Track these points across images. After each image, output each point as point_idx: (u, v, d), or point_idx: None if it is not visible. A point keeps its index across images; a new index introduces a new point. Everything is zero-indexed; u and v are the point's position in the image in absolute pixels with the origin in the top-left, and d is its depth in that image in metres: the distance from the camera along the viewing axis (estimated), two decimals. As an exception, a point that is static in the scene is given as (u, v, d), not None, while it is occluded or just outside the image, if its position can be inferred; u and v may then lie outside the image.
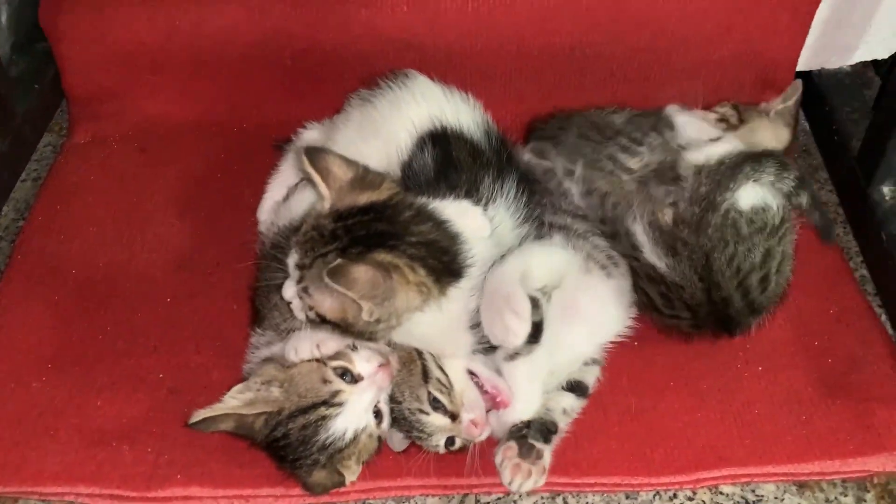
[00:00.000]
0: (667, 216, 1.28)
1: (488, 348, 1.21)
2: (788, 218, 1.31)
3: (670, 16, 1.68)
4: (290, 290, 1.13)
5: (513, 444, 1.20)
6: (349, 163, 1.15)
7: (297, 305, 1.13)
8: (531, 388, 1.21)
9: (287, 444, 1.14)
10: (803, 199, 1.33)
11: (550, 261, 1.25)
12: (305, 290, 1.10)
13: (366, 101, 1.39)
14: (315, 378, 1.15)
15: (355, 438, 1.15)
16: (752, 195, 1.28)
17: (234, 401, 1.14)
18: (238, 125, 1.81)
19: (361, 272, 1.03)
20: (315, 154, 1.13)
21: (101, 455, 1.27)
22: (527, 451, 1.19)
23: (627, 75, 1.76)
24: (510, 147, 1.41)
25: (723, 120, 1.58)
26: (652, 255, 1.29)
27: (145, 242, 1.59)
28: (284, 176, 1.51)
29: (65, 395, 1.34)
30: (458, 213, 1.19)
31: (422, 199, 1.18)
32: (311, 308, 1.11)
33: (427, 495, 1.26)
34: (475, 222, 1.21)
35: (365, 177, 1.15)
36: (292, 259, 1.12)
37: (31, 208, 1.66)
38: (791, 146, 1.57)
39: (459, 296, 1.14)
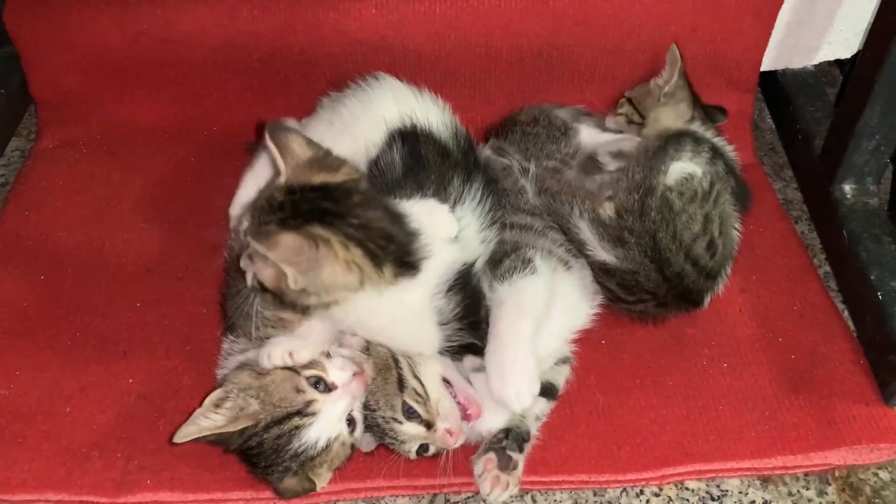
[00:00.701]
0: (608, 210, 1.31)
1: (457, 350, 1.22)
2: (717, 180, 1.35)
3: (636, 18, 1.69)
4: (244, 259, 1.14)
5: (492, 456, 1.21)
6: (311, 143, 1.16)
7: (248, 274, 1.15)
8: None
9: (259, 453, 1.15)
10: (719, 167, 1.37)
11: (548, 297, 1.27)
12: (250, 256, 1.12)
13: (336, 101, 1.40)
14: (288, 387, 1.15)
15: (327, 447, 1.15)
16: (676, 170, 1.32)
17: (219, 417, 1.13)
18: (207, 128, 1.81)
19: (289, 239, 1.04)
20: (277, 130, 1.15)
21: (70, 461, 1.26)
22: (505, 463, 1.20)
23: (595, 77, 1.77)
24: (477, 150, 1.42)
25: (630, 121, 1.60)
26: (600, 250, 1.31)
27: (114, 247, 1.58)
28: (258, 173, 1.48)
29: (33, 403, 1.33)
30: (425, 212, 1.20)
31: (388, 199, 1.18)
32: (254, 276, 1.13)
33: (397, 496, 1.27)
34: (443, 221, 1.22)
35: (324, 159, 1.16)
36: (243, 226, 1.14)
37: (-2, 214, 1.65)
38: (695, 114, 1.57)
39: (415, 290, 1.14)
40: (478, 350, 1.22)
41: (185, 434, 1.12)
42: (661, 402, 1.36)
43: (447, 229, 1.21)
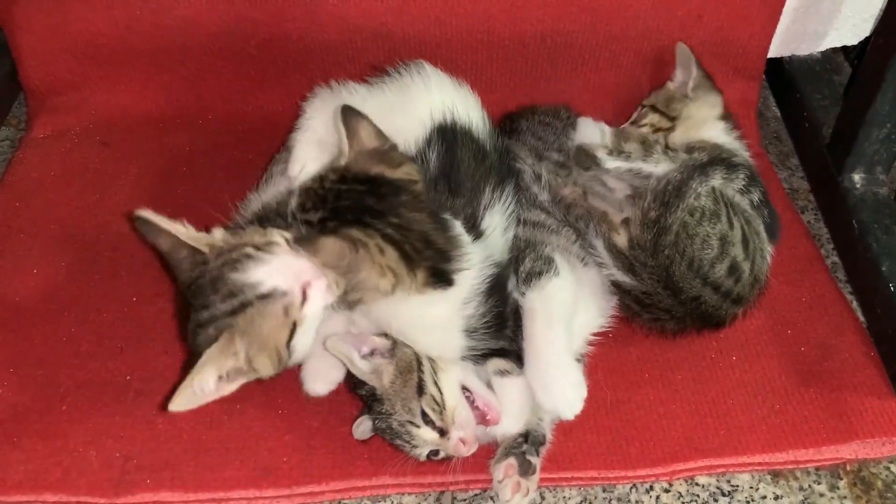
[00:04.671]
0: (621, 239, 1.28)
1: (480, 356, 1.20)
2: (727, 198, 1.29)
3: (641, 4, 1.66)
4: None
5: (513, 462, 1.19)
6: (379, 135, 1.16)
7: None
8: (521, 405, 1.20)
9: (199, 287, 1.06)
10: (755, 196, 1.32)
11: (575, 296, 1.25)
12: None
13: (378, 85, 1.37)
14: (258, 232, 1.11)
15: (267, 297, 1.04)
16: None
17: (183, 229, 1.10)
18: (203, 117, 1.77)
19: (329, 243, 1.04)
20: (350, 113, 1.15)
21: (66, 461, 1.23)
22: (525, 468, 1.18)
23: (599, 63, 1.75)
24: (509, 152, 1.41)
25: (657, 130, 1.50)
26: (614, 270, 1.29)
27: (109, 240, 1.54)
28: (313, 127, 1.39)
29: (28, 401, 1.30)
30: None
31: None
32: None
33: (403, 493, 1.25)
34: None
35: (388, 152, 1.15)
36: (292, 201, 1.13)
37: (-12, 206, 1.61)
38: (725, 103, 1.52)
39: (445, 301, 1.13)
40: (502, 353, 1.20)
41: (146, 214, 1.10)
42: (669, 396, 1.34)
43: None
